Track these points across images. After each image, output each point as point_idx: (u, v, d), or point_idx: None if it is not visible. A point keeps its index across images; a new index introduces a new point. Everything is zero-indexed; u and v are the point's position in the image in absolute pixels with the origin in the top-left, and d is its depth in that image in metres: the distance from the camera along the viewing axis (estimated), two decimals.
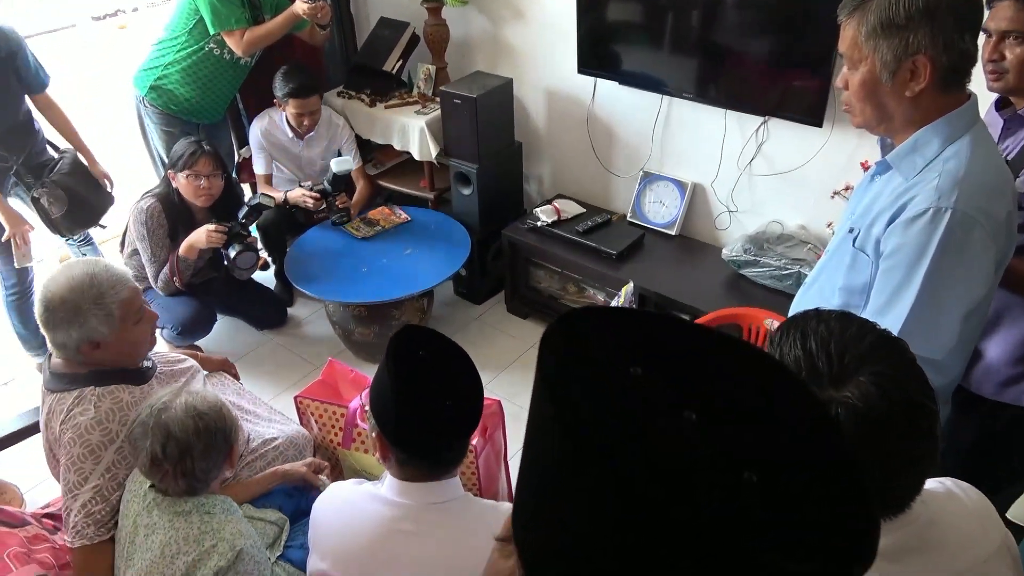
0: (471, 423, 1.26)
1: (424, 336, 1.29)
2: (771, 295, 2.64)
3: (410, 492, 1.27)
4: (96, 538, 1.56)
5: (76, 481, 1.56)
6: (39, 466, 2.64)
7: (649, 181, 3.04)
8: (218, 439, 1.47)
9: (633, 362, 0.49)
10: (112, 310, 1.57)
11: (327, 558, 1.33)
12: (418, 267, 3.00)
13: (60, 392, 1.61)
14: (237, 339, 3.33)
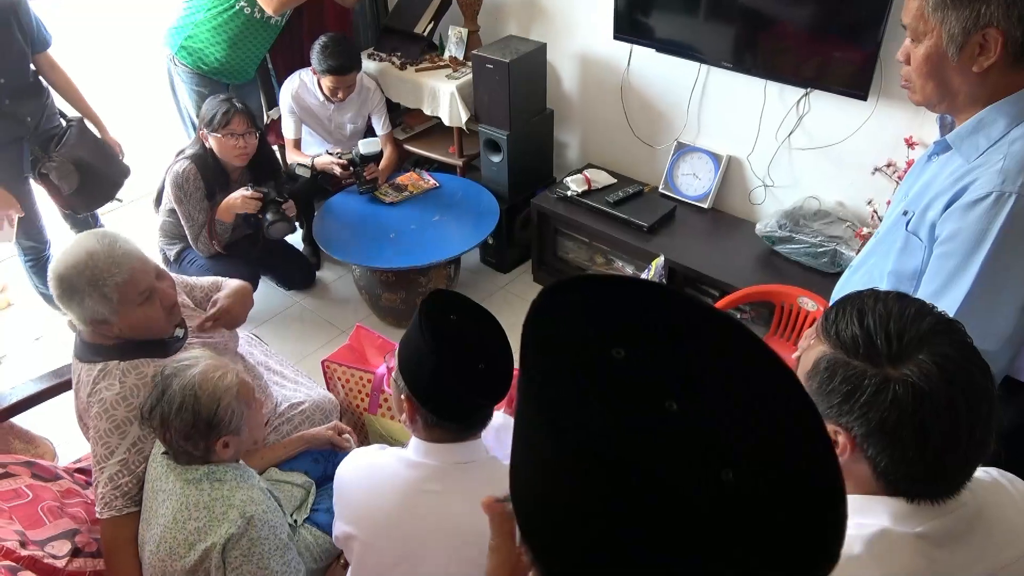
0: (503, 386, 1.24)
1: (454, 300, 1.28)
2: (805, 273, 2.59)
3: (435, 453, 1.27)
4: (124, 510, 1.56)
5: (103, 454, 1.57)
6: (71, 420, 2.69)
7: (683, 152, 2.98)
8: (199, 425, 1.42)
9: (616, 342, 0.46)
10: (107, 293, 1.51)
11: (352, 522, 1.33)
12: (446, 234, 2.98)
13: (87, 363, 1.61)
14: (265, 301, 3.34)
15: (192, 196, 2.71)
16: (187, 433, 1.42)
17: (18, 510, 1.62)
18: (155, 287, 1.59)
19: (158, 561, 1.46)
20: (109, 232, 1.57)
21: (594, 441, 0.43)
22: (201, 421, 1.41)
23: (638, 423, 0.43)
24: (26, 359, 3.05)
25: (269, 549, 1.44)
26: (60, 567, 1.52)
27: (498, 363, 1.24)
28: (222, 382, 1.44)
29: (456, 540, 1.25)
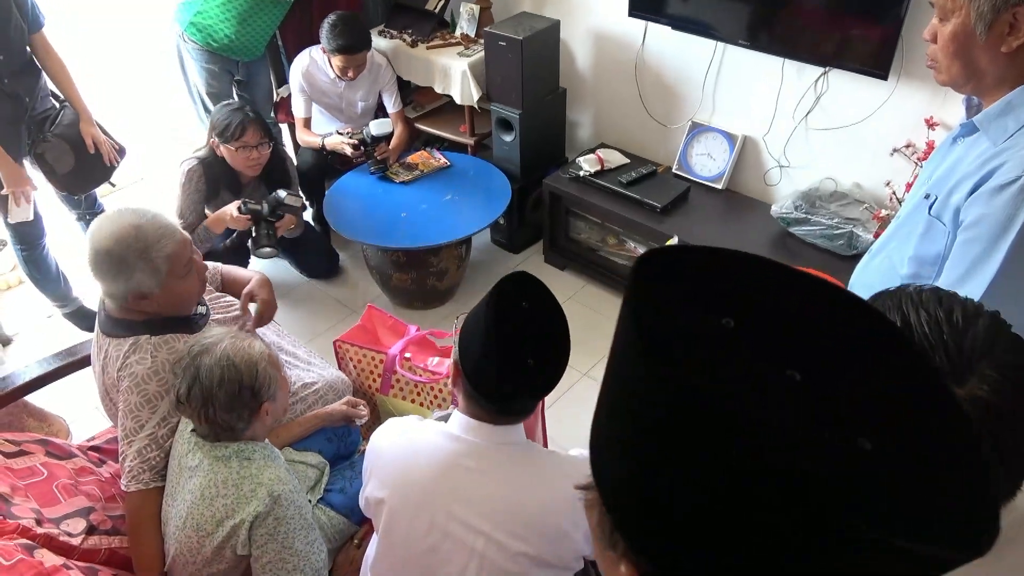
0: (544, 387, 1.23)
1: (533, 287, 1.25)
2: (821, 255, 2.56)
3: (476, 430, 1.27)
4: (152, 484, 1.57)
5: (133, 428, 1.58)
6: (84, 399, 2.70)
7: (697, 132, 2.94)
8: (244, 394, 1.43)
9: (725, 312, 0.45)
10: (159, 265, 1.53)
11: (385, 486, 1.33)
12: (458, 214, 2.96)
13: (116, 338, 1.61)
14: (276, 280, 3.32)
15: (190, 196, 2.65)
16: (231, 404, 1.42)
17: (33, 488, 1.62)
18: (193, 258, 1.62)
19: (184, 537, 1.47)
20: (144, 209, 1.58)
21: (714, 407, 0.41)
22: (245, 389, 1.42)
23: (761, 391, 0.42)
24: (37, 337, 3.06)
25: (294, 528, 1.45)
26: (75, 544, 1.52)
27: (549, 363, 1.21)
28: (253, 349, 1.46)
29: (483, 519, 1.25)
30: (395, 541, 1.34)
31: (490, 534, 1.25)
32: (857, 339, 0.46)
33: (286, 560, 1.44)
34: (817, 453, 0.40)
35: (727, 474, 0.41)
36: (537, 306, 1.23)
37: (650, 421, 0.45)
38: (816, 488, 0.39)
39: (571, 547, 1.28)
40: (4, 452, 1.70)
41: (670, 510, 0.44)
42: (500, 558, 1.25)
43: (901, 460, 0.41)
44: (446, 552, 1.28)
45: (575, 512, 1.27)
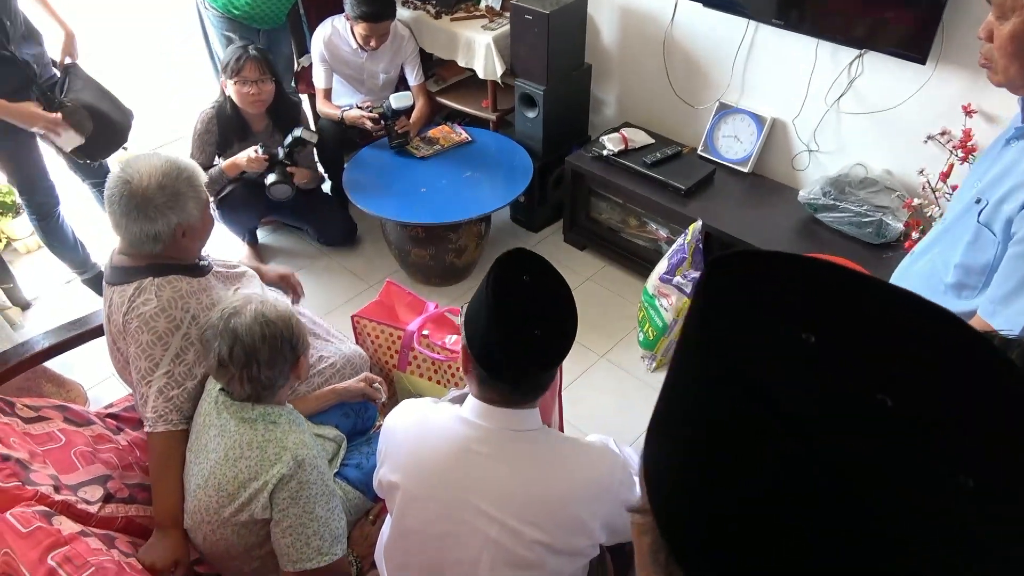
0: (555, 357, 1.21)
1: (533, 261, 1.24)
2: (848, 243, 2.51)
3: (490, 416, 1.25)
4: (180, 425, 1.58)
5: (148, 368, 1.58)
6: (101, 366, 2.71)
7: (725, 114, 2.88)
8: (284, 348, 1.46)
9: (805, 325, 0.41)
10: (201, 192, 1.61)
11: (399, 471, 1.32)
12: (478, 190, 2.92)
13: (120, 285, 1.61)
14: (293, 252, 3.33)
15: (201, 138, 2.79)
16: (274, 359, 1.45)
17: (51, 454, 1.62)
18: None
19: (204, 496, 1.47)
20: (155, 152, 1.62)
21: (791, 430, 0.38)
22: (285, 343, 1.46)
23: (846, 417, 0.38)
24: (56, 302, 3.07)
25: (316, 494, 1.44)
26: (92, 512, 1.52)
27: (555, 333, 1.20)
28: (280, 306, 1.49)
29: (497, 505, 1.23)
30: (408, 526, 1.33)
31: (504, 521, 1.23)
32: (956, 363, 0.42)
33: (306, 525, 1.44)
34: (912, 491, 0.36)
35: (805, 508, 0.37)
36: (538, 278, 1.22)
37: (715, 436, 0.42)
38: (911, 530, 0.36)
39: (588, 536, 1.26)
40: (23, 417, 1.70)
41: (740, 542, 0.41)
42: (515, 545, 1.24)
43: (1008, 500, 0.37)
44: (460, 538, 1.27)
45: (593, 501, 1.25)
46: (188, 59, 3.86)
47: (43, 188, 2.69)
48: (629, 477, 1.32)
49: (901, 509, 0.36)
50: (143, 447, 1.82)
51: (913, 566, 0.36)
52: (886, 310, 0.43)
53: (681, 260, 2.55)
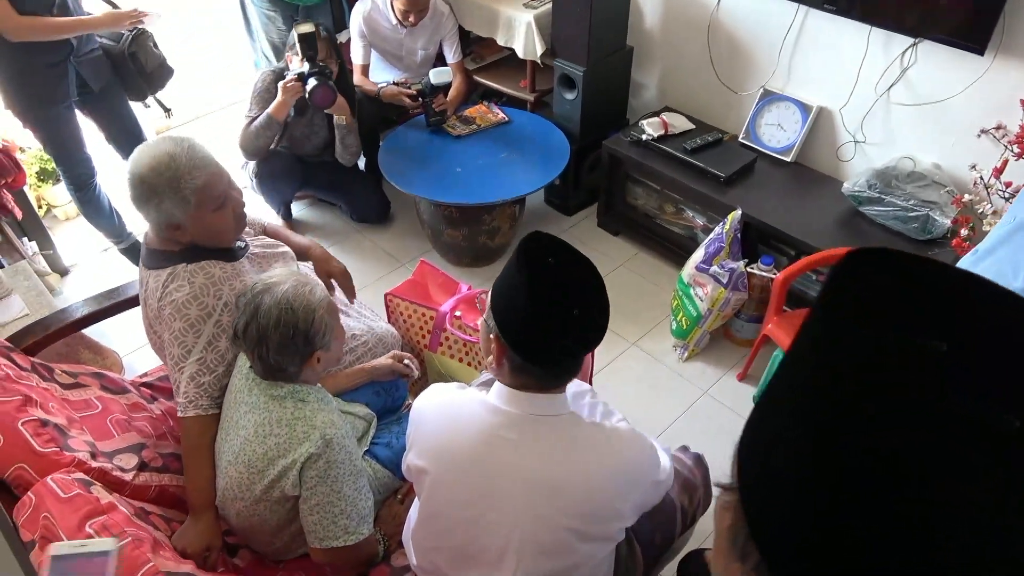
0: (597, 334, 1.21)
1: (554, 243, 1.23)
2: (892, 237, 2.45)
3: (517, 401, 1.24)
4: (210, 410, 1.58)
5: (180, 354, 1.59)
6: (137, 334, 2.74)
7: (769, 101, 2.81)
8: (297, 339, 1.42)
9: (937, 333, 0.39)
10: (187, 196, 1.51)
11: (426, 456, 1.32)
12: (514, 172, 2.89)
13: (155, 269, 1.62)
14: (326, 228, 3.34)
15: (261, 96, 2.81)
16: (283, 347, 1.42)
17: (88, 420, 1.65)
18: (229, 194, 1.60)
19: (235, 473, 1.48)
20: (187, 137, 1.56)
21: (906, 439, 0.36)
22: (299, 334, 1.42)
23: (969, 434, 0.36)
24: (94, 269, 3.11)
25: (344, 473, 1.45)
26: (127, 480, 1.54)
27: (593, 311, 1.19)
28: (313, 296, 1.44)
29: (526, 491, 1.22)
30: (436, 511, 1.33)
31: (533, 508, 1.22)
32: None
33: (334, 504, 1.45)
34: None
35: (905, 522, 0.35)
36: (563, 260, 1.21)
37: (826, 425, 0.40)
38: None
39: (618, 520, 1.25)
40: (61, 383, 1.72)
41: (827, 535, 0.39)
42: (544, 532, 1.23)
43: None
44: (487, 524, 1.26)
45: (625, 487, 1.24)
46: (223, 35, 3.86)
47: (80, 159, 2.73)
48: (656, 456, 1.32)
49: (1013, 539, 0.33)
50: (176, 416, 1.83)
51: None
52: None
53: (718, 249, 2.50)
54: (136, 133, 2.86)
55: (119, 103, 2.77)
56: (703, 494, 1.66)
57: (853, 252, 0.46)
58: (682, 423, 2.47)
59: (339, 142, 2.96)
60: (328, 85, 2.69)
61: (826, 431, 0.40)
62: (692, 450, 1.73)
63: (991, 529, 0.34)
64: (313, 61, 2.68)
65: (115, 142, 2.84)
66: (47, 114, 2.55)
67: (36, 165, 3.18)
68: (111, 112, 2.76)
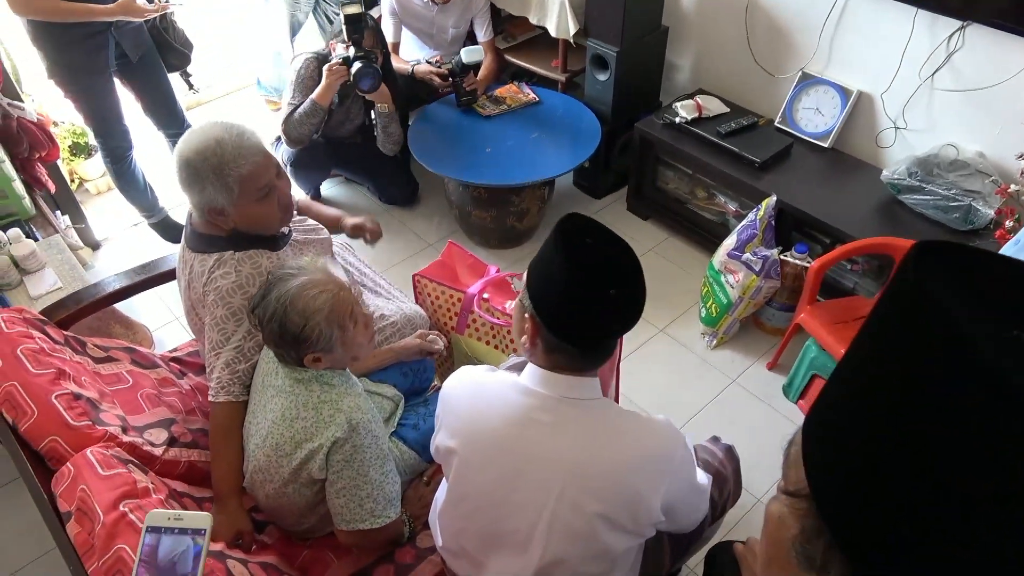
0: (634, 314, 1.19)
1: (591, 224, 1.22)
2: (931, 227, 2.38)
3: (550, 383, 1.22)
4: (241, 396, 1.58)
5: (219, 340, 1.59)
6: (166, 309, 2.77)
7: (807, 84, 2.74)
8: (287, 339, 1.39)
9: (1017, 323, 0.38)
10: (230, 184, 1.49)
11: (456, 437, 1.31)
12: (544, 153, 2.86)
13: (201, 253, 1.61)
14: (355, 207, 3.33)
15: (305, 83, 2.79)
16: (277, 341, 1.42)
17: (120, 395, 1.66)
18: (274, 184, 1.57)
19: (262, 455, 1.48)
20: (237, 124, 1.54)
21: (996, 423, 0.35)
22: (288, 334, 1.39)
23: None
24: (125, 243, 3.14)
25: (370, 457, 1.44)
26: (157, 455, 1.55)
27: (630, 290, 1.18)
28: (314, 302, 1.39)
29: (557, 475, 1.20)
30: (464, 492, 1.32)
31: (563, 492, 1.21)
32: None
33: (360, 487, 1.45)
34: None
35: (999, 512, 0.33)
36: (601, 240, 1.20)
37: (914, 420, 0.38)
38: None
39: (647, 513, 1.23)
40: (93, 357, 1.74)
41: (930, 536, 0.37)
42: (572, 517, 1.21)
43: None
44: (515, 506, 1.25)
45: (655, 475, 1.21)
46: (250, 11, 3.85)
47: (119, 132, 2.74)
48: (691, 456, 1.29)
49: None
50: (204, 392, 1.84)
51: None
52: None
53: (751, 236, 2.46)
54: (172, 104, 2.88)
55: (157, 74, 2.79)
56: (733, 485, 1.64)
57: (923, 245, 0.44)
58: (710, 411, 2.44)
59: (381, 131, 2.94)
60: (373, 68, 2.68)
61: (914, 425, 0.38)
62: (722, 440, 1.70)
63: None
64: (359, 45, 2.67)
65: (151, 112, 2.86)
66: (88, 84, 2.57)
67: (69, 139, 3.20)
68: (149, 82, 2.77)
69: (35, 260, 2.28)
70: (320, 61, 2.77)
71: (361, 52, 2.67)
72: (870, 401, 0.43)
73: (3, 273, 2.20)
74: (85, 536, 1.26)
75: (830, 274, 2.55)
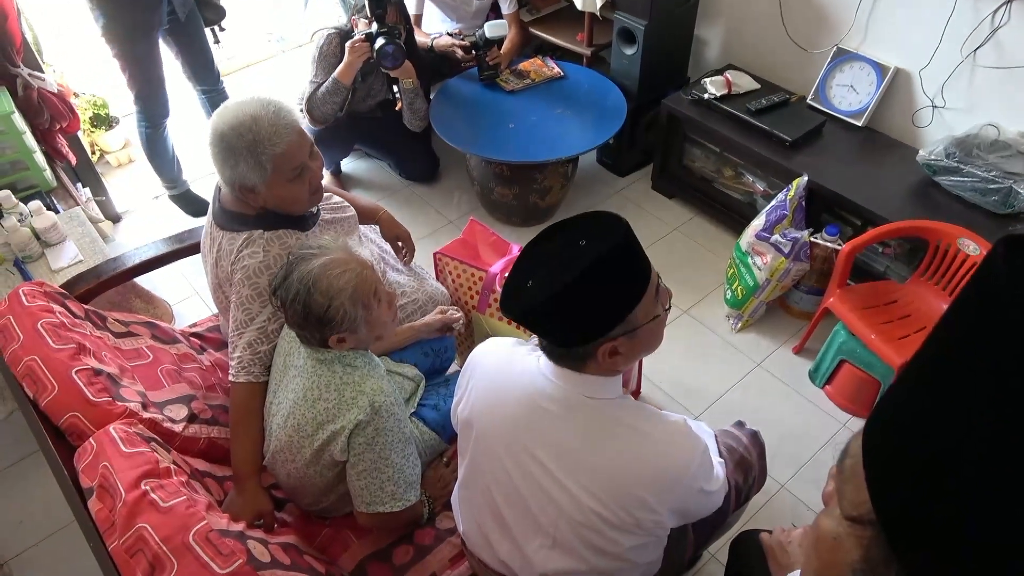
0: (554, 317, 1.09)
1: (607, 228, 1.10)
2: (968, 210, 2.30)
3: (563, 376, 1.19)
4: (262, 377, 1.57)
5: (244, 320, 1.57)
6: (184, 283, 2.76)
7: (842, 60, 2.65)
8: (311, 320, 1.36)
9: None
10: (263, 162, 1.46)
11: (474, 410, 1.29)
12: (568, 129, 2.80)
13: (230, 231, 1.59)
14: (375, 183, 3.30)
15: (327, 59, 2.75)
16: (301, 323, 1.39)
17: (140, 370, 1.65)
18: (307, 165, 1.54)
19: (284, 436, 1.47)
20: (275, 100, 1.51)
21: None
22: (312, 315, 1.36)
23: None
24: (145, 216, 3.13)
25: (392, 441, 1.42)
26: (177, 431, 1.54)
27: (548, 289, 1.06)
28: (337, 281, 1.36)
29: (563, 468, 1.18)
30: (479, 468, 1.31)
31: (565, 485, 1.18)
32: None
33: (381, 470, 1.43)
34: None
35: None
36: (591, 246, 1.07)
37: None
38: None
39: (650, 517, 1.19)
40: (114, 332, 1.73)
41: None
42: (574, 510, 1.19)
43: None
44: (526, 490, 1.24)
45: (664, 490, 1.16)
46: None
47: (161, 97, 2.77)
48: (708, 462, 1.23)
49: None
50: (224, 368, 1.83)
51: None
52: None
53: (781, 217, 2.39)
54: (211, 61, 2.89)
55: (199, 30, 2.79)
56: (758, 472, 1.60)
57: (1009, 239, 0.40)
58: (733, 395, 2.40)
59: (406, 107, 2.89)
60: (397, 44, 2.63)
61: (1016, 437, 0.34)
62: (748, 426, 1.66)
63: None
64: (382, 20, 2.62)
65: (191, 68, 2.85)
66: (142, 46, 2.60)
67: (90, 111, 3.19)
68: (193, 40, 2.78)
69: (56, 232, 2.27)
70: (343, 37, 2.72)
71: (384, 28, 2.62)
72: (957, 411, 0.38)
73: (24, 245, 2.20)
74: (106, 513, 1.25)
75: (861, 257, 2.48)
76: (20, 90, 2.49)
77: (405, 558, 1.58)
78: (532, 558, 1.28)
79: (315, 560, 1.42)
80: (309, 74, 2.80)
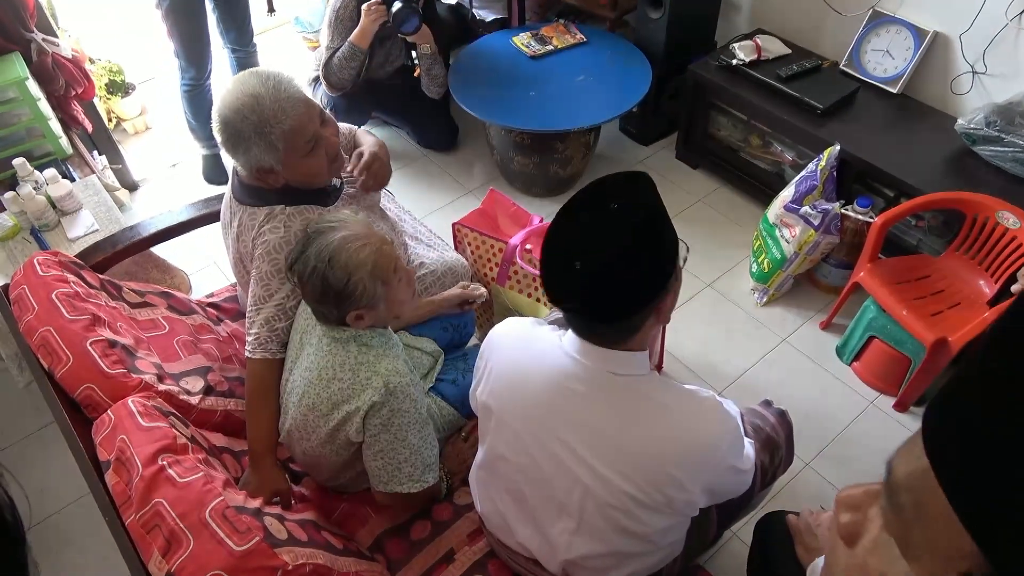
0: (603, 298, 1.05)
1: (627, 189, 1.08)
2: (1009, 182, 2.21)
3: (589, 354, 1.15)
4: (279, 354, 1.54)
5: (263, 295, 1.54)
6: (201, 252, 2.74)
7: (877, 24, 2.54)
8: (328, 295, 1.31)
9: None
10: (274, 141, 1.43)
11: (495, 395, 1.25)
12: (591, 97, 2.72)
13: (251, 207, 1.55)
14: (393, 151, 3.23)
15: (343, 23, 2.69)
16: (318, 299, 1.35)
17: (156, 341, 1.63)
18: (320, 135, 1.49)
19: (299, 414, 1.44)
20: (273, 73, 1.46)
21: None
22: (331, 290, 1.31)
23: None
24: (162, 184, 3.11)
25: (408, 422, 1.39)
26: (193, 404, 1.52)
27: (597, 269, 1.03)
28: (357, 256, 1.31)
29: (591, 449, 1.14)
30: (500, 452, 1.28)
31: (594, 466, 1.14)
32: None
33: (398, 451, 1.40)
34: None
35: None
36: (625, 209, 1.04)
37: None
38: None
39: (682, 496, 1.15)
40: (129, 302, 1.71)
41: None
42: (604, 492, 1.15)
43: None
44: (551, 473, 1.20)
45: (696, 466, 1.13)
46: None
47: (206, 58, 2.78)
48: (740, 440, 1.19)
49: None
50: (241, 339, 1.81)
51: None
52: None
53: (811, 188, 2.31)
54: (247, 23, 2.88)
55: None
56: (785, 453, 1.56)
57: None
58: (758, 370, 2.35)
59: (425, 74, 2.83)
60: (413, 7, 2.55)
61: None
62: (775, 405, 1.62)
63: None
64: None
65: (227, 26, 2.83)
66: (188, 11, 2.60)
67: (105, 77, 3.15)
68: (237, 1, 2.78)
69: (72, 201, 2.25)
70: (359, 0, 2.65)
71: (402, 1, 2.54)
72: None
73: (40, 213, 2.18)
74: (123, 487, 1.23)
75: (893, 230, 2.40)
76: (34, 56, 2.45)
77: (423, 533, 1.56)
78: (555, 541, 1.25)
79: (332, 536, 1.40)
80: (324, 39, 2.73)
